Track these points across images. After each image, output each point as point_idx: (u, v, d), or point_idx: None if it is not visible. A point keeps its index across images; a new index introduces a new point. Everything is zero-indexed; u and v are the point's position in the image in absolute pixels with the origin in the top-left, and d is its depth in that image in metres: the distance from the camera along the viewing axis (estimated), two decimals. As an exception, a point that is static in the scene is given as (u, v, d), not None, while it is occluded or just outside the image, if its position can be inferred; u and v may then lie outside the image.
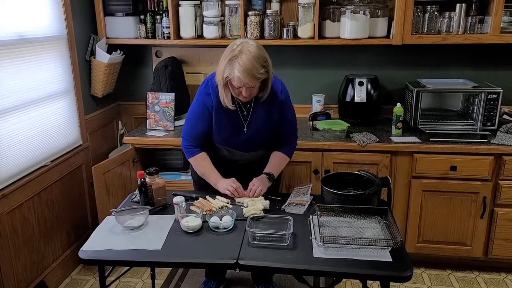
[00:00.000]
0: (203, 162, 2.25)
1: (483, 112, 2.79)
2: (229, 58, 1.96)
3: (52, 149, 2.73)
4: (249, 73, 1.92)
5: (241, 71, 1.92)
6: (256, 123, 2.19)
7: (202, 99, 2.18)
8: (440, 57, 3.14)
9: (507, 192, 2.67)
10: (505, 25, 2.79)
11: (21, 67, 2.45)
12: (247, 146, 2.25)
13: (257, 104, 2.17)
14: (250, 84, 1.96)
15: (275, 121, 2.22)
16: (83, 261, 1.82)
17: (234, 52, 1.95)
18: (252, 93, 2.04)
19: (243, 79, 1.93)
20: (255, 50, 1.96)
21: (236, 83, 1.97)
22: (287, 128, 2.29)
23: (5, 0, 2.33)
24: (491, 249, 2.79)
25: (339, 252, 1.72)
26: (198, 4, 3.08)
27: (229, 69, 1.96)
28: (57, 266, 2.80)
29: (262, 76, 1.97)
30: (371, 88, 2.99)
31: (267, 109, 2.18)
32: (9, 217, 2.37)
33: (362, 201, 1.96)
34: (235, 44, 1.98)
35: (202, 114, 2.18)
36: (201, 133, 2.22)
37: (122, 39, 3.17)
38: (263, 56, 1.98)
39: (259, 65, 1.94)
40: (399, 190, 2.79)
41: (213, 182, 2.22)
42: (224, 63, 1.98)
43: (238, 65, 1.92)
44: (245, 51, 1.94)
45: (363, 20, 2.86)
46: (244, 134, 2.20)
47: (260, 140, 2.26)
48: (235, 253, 1.74)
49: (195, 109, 2.22)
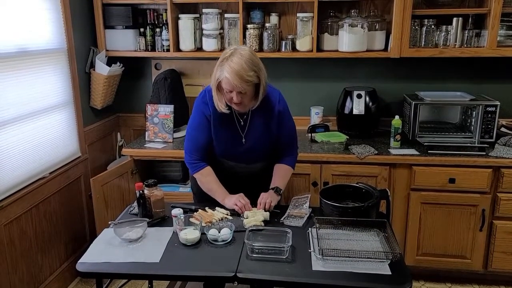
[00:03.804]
0: (209, 177, 2.21)
1: (481, 125, 2.80)
2: (220, 61, 1.99)
3: (51, 161, 2.73)
4: (238, 74, 1.93)
5: (230, 72, 1.93)
6: (254, 134, 2.19)
7: (200, 108, 2.19)
8: (437, 70, 3.16)
9: (506, 204, 2.67)
10: (502, 38, 2.82)
11: (21, 79, 2.46)
12: (247, 158, 2.24)
13: (254, 115, 2.17)
14: (239, 86, 1.96)
15: (274, 132, 2.21)
16: (81, 274, 1.80)
17: (225, 55, 1.99)
18: (243, 100, 2.03)
19: (231, 80, 1.94)
20: (247, 53, 1.98)
21: (225, 85, 1.98)
22: (287, 139, 2.28)
23: (5, 13, 2.35)
24: (491, 262, 2.78)
25: (338, 265, 1.72)
26: (198, 17, 3.11)
27: (219, 71, 1.98)
28: (55, 279, 2.78)
29: (251, 79, 1.97)
30: (370, 100, 3.01)
31: (264, 120, 2.18)
32: (6, 229, 2.36)
33: (361, 213, 1.95)
34: (229, 49, 2.02)
35: (201, 124, 2.18)
36: (203, 145, 2.20)
37: (121, 51, 3.19)
38: (254, 60, 2.00)
39: (249, 68, 1.95)
40: (398, 203, 2.79)
41: (220, 198, 2.17)
42: (216, 66, 2.01)
43: (228, 66, 1.95)
44: (236, 54, 1.97)
45: (361, 33, 2.89)
46: (242, 145, 2.19)
47: (260, 152, 2.25)
48: (233, 266, 1.73)
49: (194, 120, 2.22)
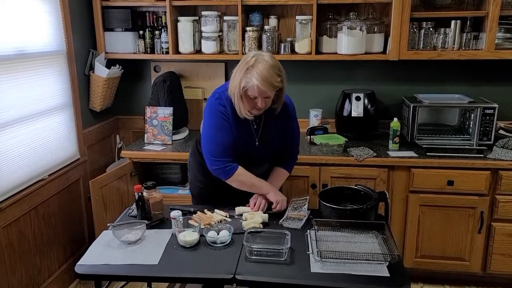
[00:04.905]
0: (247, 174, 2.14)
1: (479, 127, 2.81)
2: (245, 69, 1.95)
3: (50, 163, 2.73)
4: (267, 81, 1.92)
5: (259, 79, 1.92)
6: (267, 136, 2.18)
7: (218, 110, 2.10)
8: (436, 72, 3.17)
9: (504, 206, 2.67)
10: (500, 41, 2.83)
11: (20, 81, 2.47)
12: (258, 160, 2.24)
13: (267, 118, 2.16)
14: (267, 93, 1.96)
15: (284, 135, 2.22)
16: (79, 276, 1.80)
17: (249, 63, 1.95)
18: (267, 104, 2.03)
19: (261, 87, 1.93)
20: (270, 59, 1.98)
21: (253, 92, 1.95)
22: (291, 143, 2.29)
23: (5, 16, 2.35)
24: (489, 264, 2.79)
25: (337, 267, 1.72)
26: (197, 19, 3.12)
27: (246, 79, 1.95)
28: (53, 281, 2.77)
29: (279, 84, 1.98)
30: (368, 103, 3.02)
31: (277, 123, 2.18)
32: (5, 231, 2.35)
33: (360, 215, 1.95)
34: (249, 56, 1.99)
35: (223, 126, 2.10)
36: (229, 145, 2.10)
37: (121, 54, 3.20)
38: (278, 65, 2.00)
39: (275, 74, 1.95)
40: (396, 205, 2.79)
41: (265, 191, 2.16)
42: (240, 75, 1.96)
43: (256, 74, 1.92)
44: (261, 61, 1.95)
45: (359, 36, 2.89)
46: (256, 148, 2.18)
47: (270, 154, 2.25)
48: (232, 268, 1.74)
49: (215, 123, 2.11)
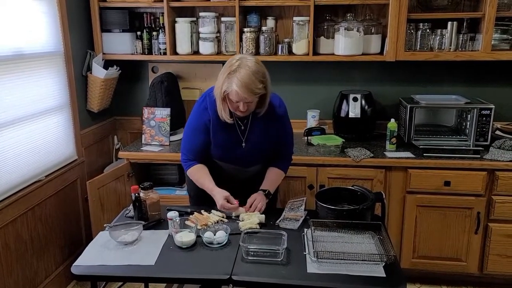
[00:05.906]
0: (200, 171, 2.23)
1: (476, 128, 2.82)
2: (227, 73, 1.97)
3: (47, 164, 2.72)
4: (247, 87, 1.93)
5: (239, 85, 1.93)
6: (253, 138, 2.20)
7: (199, 113, 2.19)
8: (433, 73, 3.18)
9: (501, 207, 2.68)
10: (496, 42, 2.84)
11: (18, 82, 2.46)
12: (245, 161, 2.25)
13: (254, 119, 2.17)
14: (248, 99, 1.97)
15: (273, 136, 2.22)
16: (76, 277, 1.80)
17: (232, 67, 1.96)
18: (249, 108, 2.04)
19: (241, 93, 1.94)
20: (254, 65, 1.97)
21: (234, 97, 1.98)
22: (284, 143, 2.30)
23: (2, 16, 2.35)
24: (486, 265, 2.79)
25: (333, 267, 1.72)
26: (194, 21, 3.12)
27: (227, 83, 1.96)
28: (50, 282, 2.77)
29: (260, 91, 1.98)
30: (365, 103, 3.02)
31: (264, 124, 2.19)
32: (2, 233, 2.35)
33: (356, 216, 1.96)
34: (234, 59, 2.00)
35: (199, 128, 2.19)
36: (199, 146, 2.22)
37: (118, 54, 3.20)
38: (261, 71, 2.00)
39: (257, 80, 1.95)
40: (393, 206, 2.79)
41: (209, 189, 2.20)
42: (223, 78, 1.98)
43: (236, 79, 1.93)
44: (243, 66, 1.95)
45: (357, 37, 2.90)
46: (242, 148, 2.20)
47: (258, 155, 2.26)
48: (228, 269, 1.74)
49: (192, 123, 2.23)
